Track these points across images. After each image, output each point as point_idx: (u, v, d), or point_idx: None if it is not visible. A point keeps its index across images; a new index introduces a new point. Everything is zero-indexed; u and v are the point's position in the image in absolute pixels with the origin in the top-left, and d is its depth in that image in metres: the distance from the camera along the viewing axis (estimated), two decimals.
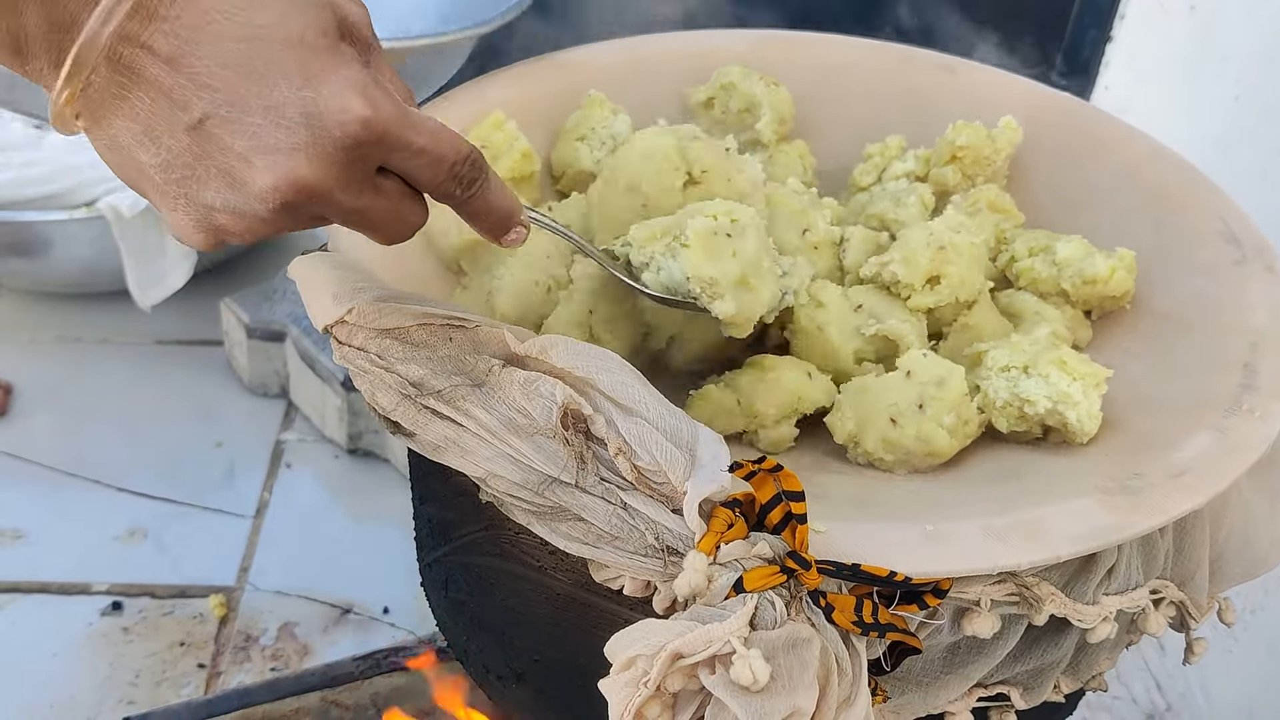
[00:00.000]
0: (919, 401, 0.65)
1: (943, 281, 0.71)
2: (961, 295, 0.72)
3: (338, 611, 1.31)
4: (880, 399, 0.66)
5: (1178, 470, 0.58)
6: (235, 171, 0.46)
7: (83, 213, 1.52)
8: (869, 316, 0.70)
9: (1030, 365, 0.66)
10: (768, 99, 0.85)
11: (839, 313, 0.70)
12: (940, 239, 0.71)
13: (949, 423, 0.65)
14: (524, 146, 0.79)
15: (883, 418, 0.65)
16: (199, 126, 0.46)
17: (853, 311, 0.71)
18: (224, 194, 0.47)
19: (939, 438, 0.64)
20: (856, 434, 0.66)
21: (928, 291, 0.71)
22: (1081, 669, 0.65)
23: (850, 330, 0.70)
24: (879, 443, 0.66)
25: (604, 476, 0.52)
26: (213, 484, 1.46)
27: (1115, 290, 0.73)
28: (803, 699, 0.46)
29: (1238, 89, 1.19)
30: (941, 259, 0.71)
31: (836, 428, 0.68)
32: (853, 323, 0.70)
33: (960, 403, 0.65)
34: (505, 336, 0.57)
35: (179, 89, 0.45)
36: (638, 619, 0.48)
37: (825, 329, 0.70)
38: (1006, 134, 0.82)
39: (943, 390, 0.65)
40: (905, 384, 0.66)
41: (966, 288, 0.72)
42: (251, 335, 1.56)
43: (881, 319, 0.70)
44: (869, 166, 0.86)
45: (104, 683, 1.22)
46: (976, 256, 0.73)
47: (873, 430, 0.66)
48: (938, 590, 0.52)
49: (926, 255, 0.70)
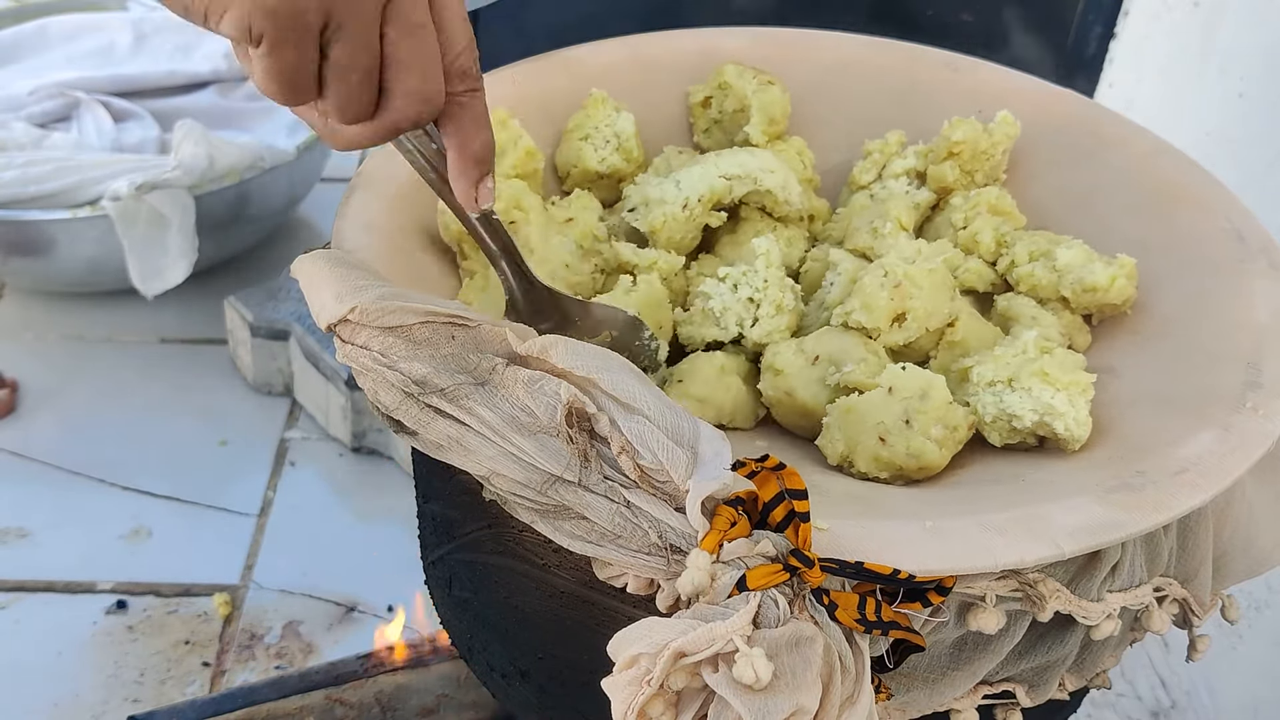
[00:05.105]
0: (905, 417, 0.65)
1: (908, 317, 0.70)
2: (931, 325, 0.71)
3: (342, 610, 1.32)
4: (866, 418, 0.65)
5: (1181, 467, 0.58)
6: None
7: (86, 211, 1.52)
8: (829, 365, 0.70)
9: (1014, 378, 0.66)
10: (756, 100, 0.84)
11: (799, 372, 0.70)
12: (895, 276, 0.70)
13: (937, 434, 0.64)
14: (528, 145, 0.79)
15: (871, 437, 0.65)
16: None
17: (811, 365, 0.70)
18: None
19: (929, 451, 0.64)
20: (848, 455, 0.66)
21: (895, 329, 0.70)
22: (1086, 666, 0.65)
23: (816, 384, 0.69)
24: (871, 462, 0.65)
25: (607, 475, 0.52)
26: (217, 482, 1.47)
27: (1115, 298, 0.72)
28: (806, 697, 0.46)
29: (1242, 85, 1.19)
30: (900, 295, 0.70)
31: (828, 450, 0.67)
32: (815, 376, 0.70)
33: (946, 412, 0.65)
34: (507, 335, 0.57)
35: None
36: (641, 617, 0.48)
37: (793, 393, 0.69)
38: (1004, 128, 0.82)
39: (926, 402, 0.65)
40: (889, 401, 0.65)
41: (935, 317, 0.71)
42: (255, 334, 1.56)
43: (840, 364, 0.69)
44: (869, 164, 0.85)
45: (109, 681, 1.22)
46: (938, 283, 0.71)
47: (863, 450, 0.65)
48: (941, 587, 0.52)
49: (884, 296, 0.69)
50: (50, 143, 1.63)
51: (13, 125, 1.65)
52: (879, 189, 0.83)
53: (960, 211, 0.80)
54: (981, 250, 0.78)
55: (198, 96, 1.82)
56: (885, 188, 0.83)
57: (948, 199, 0.82)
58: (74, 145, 1.63)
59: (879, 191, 0.83)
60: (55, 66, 1.80)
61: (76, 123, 1.70)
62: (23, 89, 1.73)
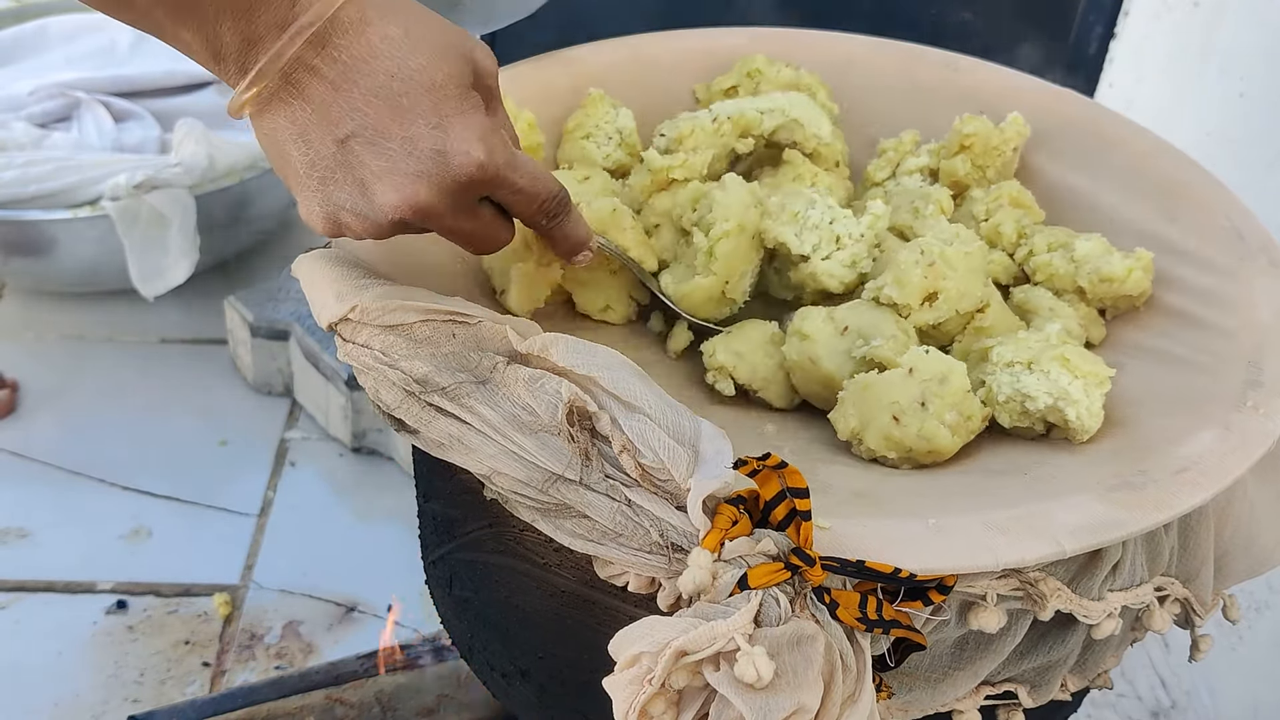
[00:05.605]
0: (921, 399, 0.65)
1: (940, 297, 0.70)
2: (962, 307, 0.71)
3: (342, 610, 1.32)
4: (883, 396, 0.65)
5: (1182, 466, 0.58)
6: (368, 184, 0.55)
7: (86, 211, 1.52)
8: (857, 337, 0.70)
9: (1034, 361, 0.66)
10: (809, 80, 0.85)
11: (826, 340, 0.70)
12: (931, 255, 0.70)
13: (951, 420, 0.64)
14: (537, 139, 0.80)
15: (885, 415, 0.65)
16: (346, 141, 0.54)
17: (840, 335, 0.70)
18: (354, 199, 0.56)
19: (941, 435, 0.64)
20: (859, 431, 0.66)
21: (926, 309, 0.70)
22: (1087, 666, 0.65)
23: (842, 355, 0.69)
24: (881, 440, 0.65)
25: (608, 474, 0.52)
26: (217, 482, 1.47)
27: (1132, 290, 0.73)
28: (807, 696, 0.46)
29: (1242, 85, 1.19)
30: (934, 275, 0.70)
31: (839, 424, 0.67)
32: (842, 347, 0.70)
33: (962, 399, 0.65)
34: (508, 333, 0.57)
35: (335, 108, 0.53)
36: (642, 616, 0.48)
37: (817, 361, 0.69)
38: (1014, 127, 0.82)
39: (944, 387, 0.65)
40: (907, 381, 0.65)
41: (966, 299, 0.71)
42: (255, 334, 1.56)
43: (869, 337, 0.69)
44: (883, 162, 0.86)
45: (109, 681, 1.22)
46: (974, 266, 0.72)
47: (875, 428, 0.65)
48: (942, 586, 0.52)
49: (918, 273, 0.69)
50: (50, 143, 1.63)
51: (13, 125, 1.64)
52: (894, 186, 0.84)
53: (982, 204, 0.80)
54: (1004, 242, 0.78)
55: (198, 96, 1.82)
56: (900, 185, 0.83)
57: (966, 194, 0.82)
58: (74, 145, 1.63)
59: (893, 188, 0.83)
60: (55, 66, 1.80)
61: (77, 123, 1.70)
62: (23, 89, 1.73)
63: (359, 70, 0.53)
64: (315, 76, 0.53)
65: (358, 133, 0.54)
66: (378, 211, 0.55)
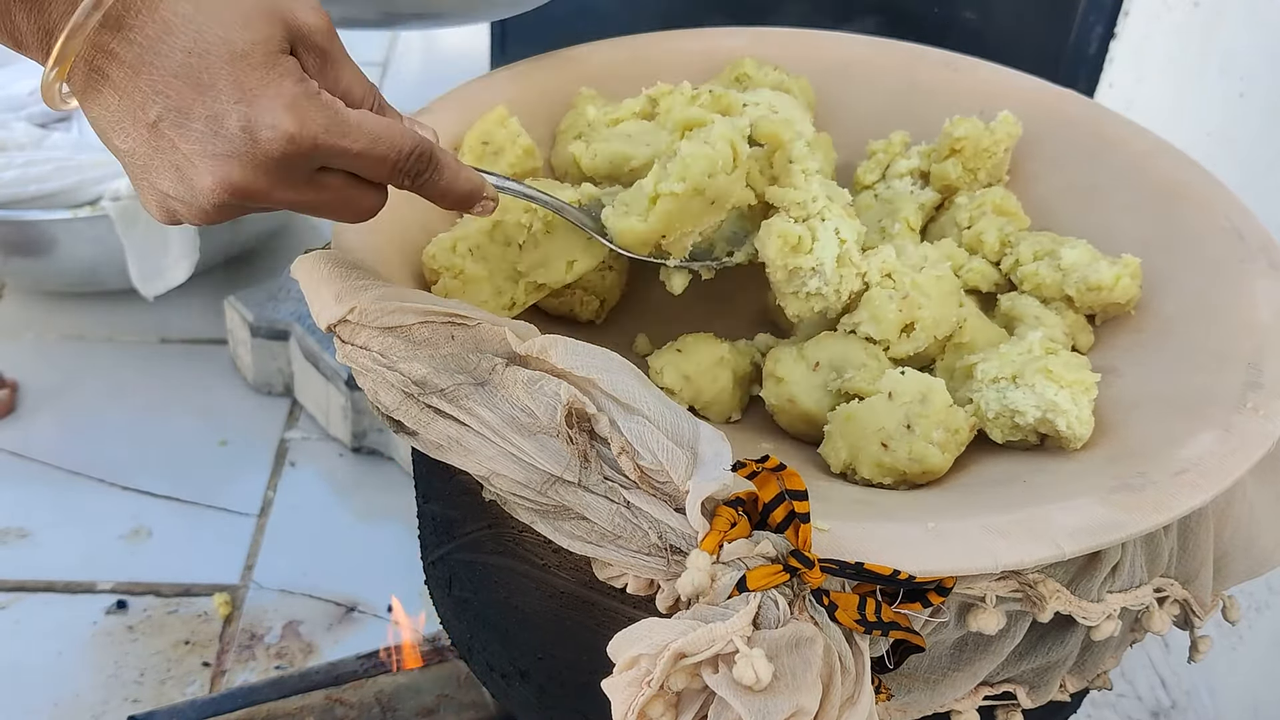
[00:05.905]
0: (906, 422, 0.65)
1: (917, 327, 0.70)
2: (940, 333, 0.71)
3: (342, 610, 1.32)
4: (868, 425, 0.65)
5: (1182, 468, 0.58)
6: (184, 168, 0.52)
7: (86, 211, 1.52)
8: (829, 371, 0.70)
9: (1018, 375, 0.66)
10: (795, 85, 0.85)
11: (801, 379, 0.70)
12: (903, 287, 0.70)
13: (939, 438, 0.64)
14: (526, 143, 0.79)
15: (873, 443, 0.65)
16: (155, 126, 0.51)
17: (812, 372, 0.70)
18: (175, 185, 0.53)
19: (931, 455, 0.64)
20: (851, 462, 0.66)
21: (905, 339, 0.70)
22: (1087, 667, 0.65)
23: (818, 390, 0.69)
24: (874, 468, 0.65)
25: (607, 475, 0.52)
26: (217, 482, 1.46)
27: (1120, 297, 0.72)
28: (806, 698, 0.46)
29: (1242, 85, 1.19)
30: (909, 306, 0.70)
31: (831, 458, 0.67)
32: (816, 382, 0.70)
33: (946, 415, 0.65)
34: (507, 335, 0.57)
35: (139, 92, 0.51)
36: (641, 617, 0.48)
37: (796, 400, 0.70)
38: (1005, 127, 0.82)
39: (927, 406, 0.65)
40: (890, 406, 0.65)
41: (943, 325, 0.71)
42: (256, 334, 1.56)
43: (841, 370, 0.69)
44: (872, 164, 0.85)
45: (109, 681, 1.22)
46: (946, 290, 0.71)
47: (866, 457, 0.65)
48: (941, 588, 0.52)
49: (893, 308, 0.69)
50: (50, 143, 1.63)
51: (13, 125, 1.64)
52: (883, 189, 0.83)
53: (965, 211, 0.80)
54: (985, 250, 0.78)
55: None
56: (890, 187, 0.83)
57: (952, 198, 0.82)
58: (74, 145, 1.63)
59: (883, 191, 0.83)
60: None
61: (77, 123, 1.70)
62: (23, 89, 1.73)
63: (155, 50, 0.50)
64: (114, 61, 0.50)
65: (164, 116, 0.51)
66: (199, 196, 0.53)
